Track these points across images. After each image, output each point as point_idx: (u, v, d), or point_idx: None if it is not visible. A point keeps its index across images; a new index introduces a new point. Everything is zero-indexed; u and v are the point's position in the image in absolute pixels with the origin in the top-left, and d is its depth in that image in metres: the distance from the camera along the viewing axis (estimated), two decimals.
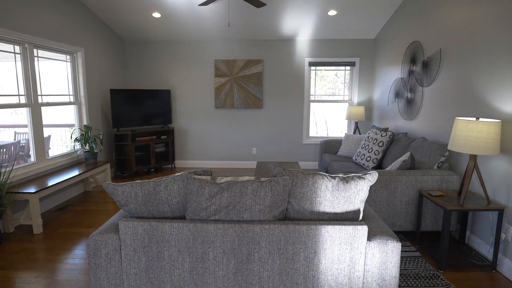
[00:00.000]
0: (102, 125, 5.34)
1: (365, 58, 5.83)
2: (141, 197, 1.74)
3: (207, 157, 6.28)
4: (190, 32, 5.65)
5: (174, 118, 6.21)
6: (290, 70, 5.95)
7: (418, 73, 4.00)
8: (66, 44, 4.35)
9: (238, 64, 5.96)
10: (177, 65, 6.05)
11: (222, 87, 6.04)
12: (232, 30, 5.54)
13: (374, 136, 4.18)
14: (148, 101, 5.74)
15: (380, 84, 5.42)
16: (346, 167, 4.10)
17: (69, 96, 4.63)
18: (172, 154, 6.04)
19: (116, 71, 5.74)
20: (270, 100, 6.05)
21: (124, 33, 5.70)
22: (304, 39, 5.83)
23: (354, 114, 5.55)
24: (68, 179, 3.78)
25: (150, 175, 5.71)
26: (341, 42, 5.80)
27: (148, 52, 6.04)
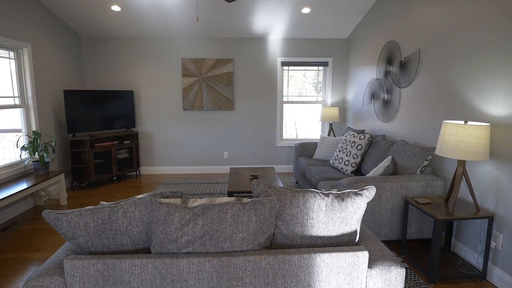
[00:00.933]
0: (55, 130, 4.78)
1: (338, 58, 5.70)
2: (93, 227, 1.39)
3: (175, 163, 5.88)
4: (154, 28, 5.22)
5: (138, 121, 5.75)
6: (262, 70, 5.70)
7: (395, 74, 3.88)
8: (8, 38, 3.80)
9: (207, 63, 5.61)
10: (140, 64, 5.60)
11: (190, 88, 5.66)
12: (200, 27, 5.18)
13: (352, 139, 4.02)
14: (109, 103, 5.24)
15: (354, 85, 5.31)
16: (324, 172, 3.91)
17: (14, 98, 4.06)
18: (136, 160, 5.58)
19: (71, 70, 5.18)
20: (242, 102, 5.76)
21: (81, 28, 5.16)
22: (277, 37, 5.60)
23: (329, 115, 5.40)
24: (13, 194, 3.26)
25: (112, 184, 5.21)
26: (314, 41, 5.63)
27: (108, 50, 5.53)
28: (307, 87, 5.94)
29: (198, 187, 4.98)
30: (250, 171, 4.18)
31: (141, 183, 5.27)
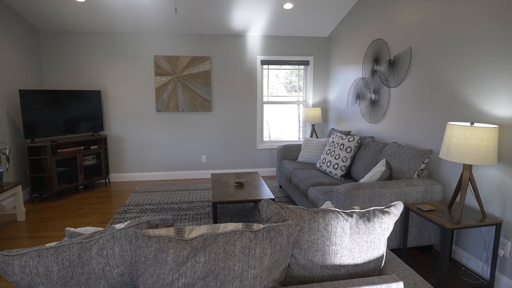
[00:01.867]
0: (10, 135, 4.22)
1: (319, 57, 5.54)
2: (58, 272, 1.05)
3: (149, 169, 5.45)
4: (123, 22, 4.78)
5: (106, 124, 5.26)
6: (241, 69, 5.41)
7: (383, 73, 3.74)
8: None
9: (182, 61, 5.24)
10: (108, 62, 5.12)
11: (164, 88, 5.26)
12: (175, 21, 4.81)
13: (339, 141, 3.84)
14: (73, 104, 4.73)
15: (336, 85, 5.16)
16: (313, 176, 3.69)
17: None
18: (105, 167, 5.10)
19: (27, 67, 4.62)
20: (220, 102, 5.45)
21: (39, 21, 4.61)
22: (256, 34, 5.34)
23: (311, 116, 5.21)
24: None
25: (78, 194, 4.71)
26: (294, 39, 5.43)
27: (71, 46, 5.00)
28: (278, 87, 5.73)
29: (175, 194, 4.60)
30: (233, 177, 3.89)
31: (111, 192, 4.81)
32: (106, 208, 4.13)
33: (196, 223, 3.57)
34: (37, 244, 3.15)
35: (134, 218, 3.75)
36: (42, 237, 3.31)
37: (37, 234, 3.37)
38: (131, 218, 3.74)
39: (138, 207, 4.09)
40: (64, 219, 3.79)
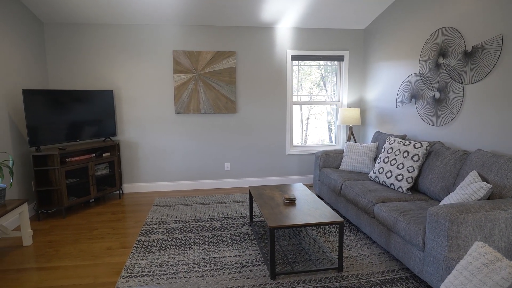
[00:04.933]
0: (12, 143, 3.62)
1: (355, 52, 4.98)
2: None
3: (167, 178, 4.86)
4: (138, 13, 4.19)
5: (119, 128, 4.67)
6: (269, 65, 4.84)
7: (453, 67, 3.19)
8: None
9: (204, 56, 4.66)
10: (121, 58, 4.53)
11: (184, 87, 4.68)
12: (197, 12, 4.22)
13: (401, 148, 3.28)
14: (82, 106, 4.14)
15: (376, 82, 4.61)
16: (372, 190, 3.14)
17: None
18: (119, 176, 4.50)
19: (31, 64, 4.01)
20: (246, 103, 4.87)
21: (43, 11, 4.01)
22: (286, 27, 4.77)
23: (349, 118, 4.65)
24: None
25: (90, 209, 4.11)
26: (328, 32, 4.87)
27: (78, 39, 4.40)
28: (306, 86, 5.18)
29: (201, 209, 4.03)
30: (276, 190, 3.32)
31: (126, 206, 4.22)
32: (126, 227, 3.54)
33: (237, 247, 3.00)
34: (49, 277, 2.56)
35: (161, 240, 3.16)
36: (54, 268, 2.72)
37: (48, 264, 2.77)
38: (157, 240, 3.16)
39: (162, 226, 3.51)
40: (78, 242, 3.19)
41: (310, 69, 5.14)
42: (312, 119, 5.39)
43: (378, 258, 2.78)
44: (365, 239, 3.16)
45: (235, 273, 2.56)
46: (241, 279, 2.48)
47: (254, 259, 2.78)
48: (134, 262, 2.75)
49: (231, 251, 2.93)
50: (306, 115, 5.33)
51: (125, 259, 2.84)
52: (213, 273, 2.56)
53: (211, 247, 3.01)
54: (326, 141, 5.37)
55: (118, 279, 2.51)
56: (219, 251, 2.93)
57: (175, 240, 3.15)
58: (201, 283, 2.43)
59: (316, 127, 5.42)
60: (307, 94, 5.16)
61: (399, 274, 2.54)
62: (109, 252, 2.97)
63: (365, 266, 2.65)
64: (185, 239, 3.18)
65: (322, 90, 5.23)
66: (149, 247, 3.02)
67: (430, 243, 2.17)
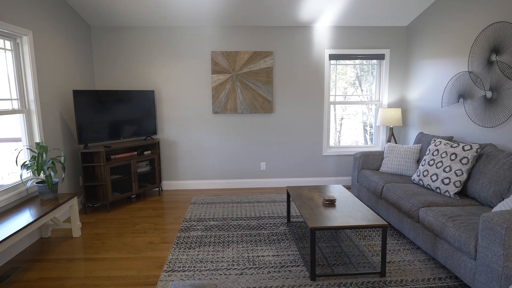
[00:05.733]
0: (63, 140, 3.85)
1: (397, 50, 4.81)
2: None
3: (204, 176, 4.96)
4: (179, 15, 4.30)
5: (159, 127, 4.83)
6: (307, 65, 4.79)
7: (508, 65, 2.99)
8: (4, 22, 2.87)
9: (241, 57, 4.70)
10: (162, 59, 4.68)
11: (222, 87, 4.75)
12: (234, 13, 4.27)
13: (448, 150, 3.12)
14: (126, 106, 4.32)
15: (420, 81, 4.41)
16: (416, 194, 3.01)
17: (12, 101, 3.14)
18: (159, 174, 4.65)
19: (80, 66, 4.26)
20: (282, 103, 4.86)
21: (91, 15, 4.23)
22: (325, 25, 4.70)
23: (390, 118, 4.50)
24: (12, 235, 2.34)
25: (131, 205, 4.29)
26: (368, 30, 4.74)
27: (122, 42, 4.60)
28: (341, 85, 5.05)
29: (237, 208, 4.06)
30: (315, 191, 3.27)
31: (166, 203, 4.35)
32: (165, 223, 3.65)
33: (275, 246, 2.99)
34: (97, 268, 2.69)
35: (200, 236, 3.23)
36: (101, 259, 2.86)
37: (95, 256, 2.92)
38: (197, 237, 3.23)
39: (201, 223, 3.58)
40: (122, 236, 3.33)
41: (345, 68, 5.03)
42: (346, 119, 5.27)
43: (423, 265, 2.67)
44: (408, 244, 3.04)
45: (274, 273, 2.56)
46: (281, 278, 2.48)
47: (293, 260, 2.76)
48: (175, 257, 2.82)
49: (269, 250, 2.93)
50: (340, 116, 5.22)
51: (167, 254, 2.93)
52: (252, 272, 2.58)
53: (249, 245, 3.03)
54: (360, 142, 5.23)
55: (161, 273, 2.60)
56: (257, 250, 2.94)
57: (214, 238, 3.20)
58: (240, 281, 2.45)
59: (350, 127, 5.30)
60: (342, 94, 5.05)
61: (447, 282, 2.42)
62: (151, 247, 3.08)
63: (409, 272, 2.55)
64: (223, 236, 3.23)
65: (357, 90, 5.10)
66: (189, 243, 3.09)
67: (483, 251, 2.05)
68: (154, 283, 2.47)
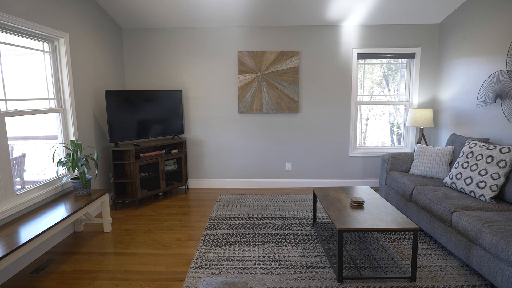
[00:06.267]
0: (96, 139, 4.00)
1: (428, 49, 4.65)
2: None
3: (229, 175, 5.00)
4: (206, 15, 4.36)
5: (186, 126, 4.91)
6: (334, 64, 4.73)
7: None
8: (43, 25, 3.02)
9: (268, 57, 4.70)
10: (189, 59, 4.76)
11: (248, 87, 4.77)
12: (261, 13, 4.28)
13: (484, 152, 2.99)
14: (155, 105, 4.43)
15: (453, 81, 4.25)
16: (449, 197, 2.90)
17: (49, 101, 3.29)
18: (185, 172, 4.74)
19: (112, 67, 4.41)
20: (309, 102, 4.82)
21: (122, 18, 4.37)
22: (353, 24, 4.62)
23: (420, 119, 4.36)
24: (49, 228, 2.46)
25: (158, 202, 4.39)
26: (398, 28, 4.61)
27: (152, 43, 4.72)
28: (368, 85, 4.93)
29: (263, 207, 4.07)
30: (342, 192, 3.22)
31: (192, 201, 4.42)
32: (192, 221, 3.71)
33: (301, 247, 2.97)
34: (127, 262, 2.78)
35: (226, 235, 3.26)
36: (131, 254, 2.94)
37: (125, 250, 3.02)
38: (223, 235, 3.26)
39: (226, 222, 3.61)
40: (151, 232, 3.42)
41: (372, 67, 4.92)
42: (372, 120, 5.15)
43: (455, 271, 2.56)
44: (440, 249, 2.93)
45: (301, 273, 2.54)
46: (307, 279, 2.46)
47: (319, 261, 2.73)
48: (202, 255, 2.87)
49: (295, 251, 2.92)
50: (366, 116, 5.10)
51: (194, 251, 2.98)
52: (278, 271, 2.57)
53: (274, 245, 3.03)
54: (387, 143, 5.09)
55: (188, 269, 2.64)
56: (283, 250, 2.93)
57: (240, 236, 3.23)
58: (267, 280, 2.45)
59: (376, 128, 5.17)
60: (368, 93, 4.94)
61: None
62: (178, 243, 3.14)
63: (441, 278, 2.46)
64: (249, 236, 3.24)
65: (384, 90, 4.97)
66: (215, 241, 3.13)
67: None
68: (182, 279, 2.52)
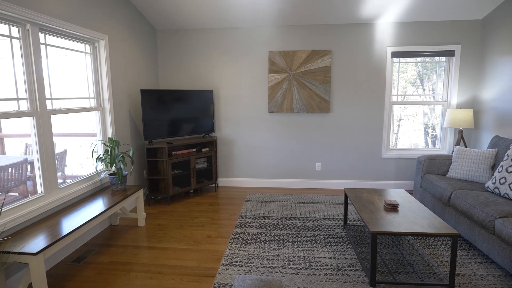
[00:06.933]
0: (131, 136, 4.15)
1: (469, 46, 4.42)
2: None
3: (258, 174, 5.02)
4: (238, 17, 4.40)
5: (217, 125, 4.98)
6: (367, 63, 4.61)
7: None
8: (85, 28, 3.18)
9: (299, 56, 4.67)
10: (221, 59, 4.82)
11: (278, 86, 4.76)
12: (292, 12, 4.25)
13: None
14: (187, 104, 4.53)
15: (497, 80, 4.01)
16: (491, 202, 2.74)
17: (89, 100, 3.46)
18: (215, 170, 4.81)
19: (147, 67, 4.56)
20: (340, 102, 4.73)
21: (157, 19, 4.51)
22: (387, 22, 4.48)
23: (460, 120, 4.15)
24: (89, 220, 2.58)
25: (189, 199, 4.48)
26: (435, 25, 4.42)
27: (184, 43, 4.83)
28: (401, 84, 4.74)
29: (292, 207, 4.04)
30: (374, 194, 3.14)
31: (221, 199, 4.48)
32: (222, 219, 3.76)
33: (332, 249, 2.92)
34: (160, 256, 2.86)
35: (255, 233, 3.27)
36: (164, 248, 3.03)
37: (158, 245, 3.11)
38: (252, 233, 3.28)
39: (256, 221, 3.62)
40: (182, 228, 3.50)
41: (406, 66, 4.74)
42: (405, 120, 4.96)
43: (498, 281, 2.42)
44: (481, 257, 2.78)
45: (331, 275, 2.50)
46: (338, 282, 2.42)
47: (350, 264, 2.68)
48: (232, 252, 2.90)
49: (325, 252, 2.88)
50: (398, 116, 4.93)
51: (224, 248, 3.02)
52: (308, 272, 2.55)
53: (304, 246, 3.00)
54: (420, 145, 4.90)
55: (219, 266, 2.68)
56: (313, 251, 2.90)
57: (269, 236, 3.23)
58: (297, 280, 2.43)
59: (409, 129, 4.98)
60: (401, 93, 4.76)
61: None
62: (209, 240, 3.19)
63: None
64: (278, 235, 3.24)
65: (418, 89, 4.77)
66: (245, 239, 3.15)
67: None
68: (213, 275, 2.56)
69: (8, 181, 3.39)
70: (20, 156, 4.01)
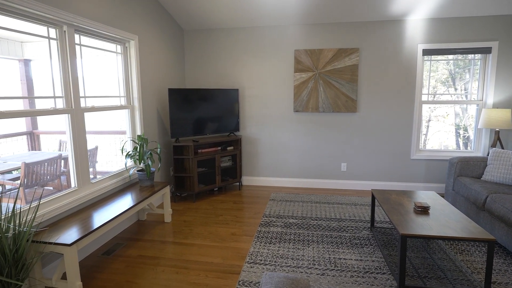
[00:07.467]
0: (158, 134, 4.25)
1: (508, 42, 4.20)
2: None
3: (282, 174, 5.00)
4: (264, 15, 4.40)
5: (242, 124, 5.01)
6: (396, 61, 4.48)
7: None
8: (117, 29, 3.28)
9: (325, 54, 4.60)
10: (247, 58, 4.84)
11: (304, 85, 4.72)
12: (318, 10, 4.20)
13: None
14: (213, 103, 4.58)
15: None
16: None
17: (120, 98, 3.57)
18: (239, 169, 4.83)
19: (174, 66, 4.65)
20: (368, 102, 4.62)
21: (184, 20, 4.59)
22: (418, 18, 4.34)
23: (496, 120, 3.95)
24: (119, 215, 2.66)
25: (213, 197, 4.53)
26: (470, 20, 4.23)
27: (210, 43, 4.89)
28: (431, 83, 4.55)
29: (317, 208, 4.00)
30: (404, 196, 3.04)
31: (246, 197, 4.50)
32: (246, 217, 3.77)
33: (358, 251, 2.86)
34: (186, 252, 2.91)
35: (280, 233, 3.26)
36: (190, 244, 3.08)
37: (184, 240, 3.16)
38: (277, 232, 3.27)
39: (280, 220, 3.61)
40: (207, 225, 3.55)
41: (436, 64, 4.56)
42: (434, 121, 4.77)
43: None
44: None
45: (358, 278, 2.45)
46: (365, 284, 2.36)
47: (377, 266, 2.61)
48: (256, 250, 2.90)
49: (351, 254, 2.82)
50: (427, 117, 4.74)
51: (248, 246, 3.02)
52: (334, 273, 2.51)
53: (330, 247, 2.96)
54: (451, 146, 4.69)
55: (243, 263, 2.69)
56: (338, 252, 2.85)
57: (294, 235, 3.20)
58: (322, 281, 2.40)
59: (439, 130, 4.79)
60: (431, 92, 4.58)
61: None
62: (233, 238, 3.21)
63: None
64: (303, 235, 3.21)
65: (450, 89, 4.57)
66: (269, 238, 3.14)
67: None
68: (237, 272, 2.57)
69: (44, 175, 3.56)
70: (55, 152, 4.20)
